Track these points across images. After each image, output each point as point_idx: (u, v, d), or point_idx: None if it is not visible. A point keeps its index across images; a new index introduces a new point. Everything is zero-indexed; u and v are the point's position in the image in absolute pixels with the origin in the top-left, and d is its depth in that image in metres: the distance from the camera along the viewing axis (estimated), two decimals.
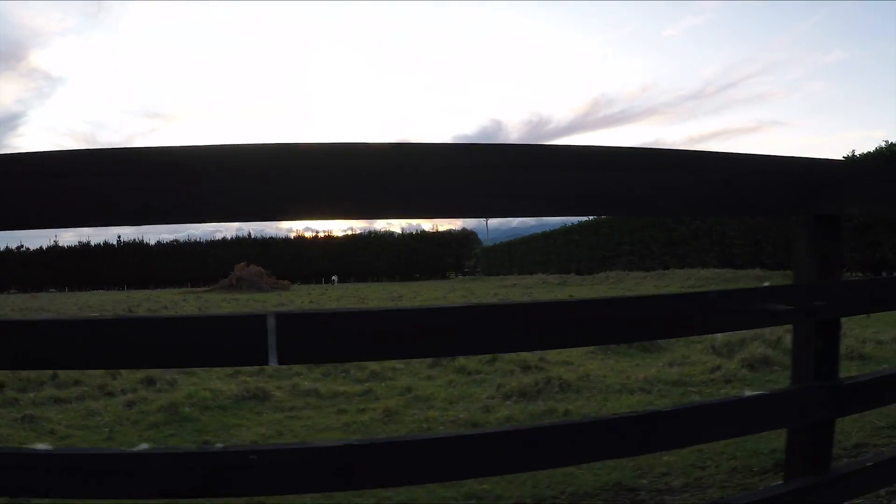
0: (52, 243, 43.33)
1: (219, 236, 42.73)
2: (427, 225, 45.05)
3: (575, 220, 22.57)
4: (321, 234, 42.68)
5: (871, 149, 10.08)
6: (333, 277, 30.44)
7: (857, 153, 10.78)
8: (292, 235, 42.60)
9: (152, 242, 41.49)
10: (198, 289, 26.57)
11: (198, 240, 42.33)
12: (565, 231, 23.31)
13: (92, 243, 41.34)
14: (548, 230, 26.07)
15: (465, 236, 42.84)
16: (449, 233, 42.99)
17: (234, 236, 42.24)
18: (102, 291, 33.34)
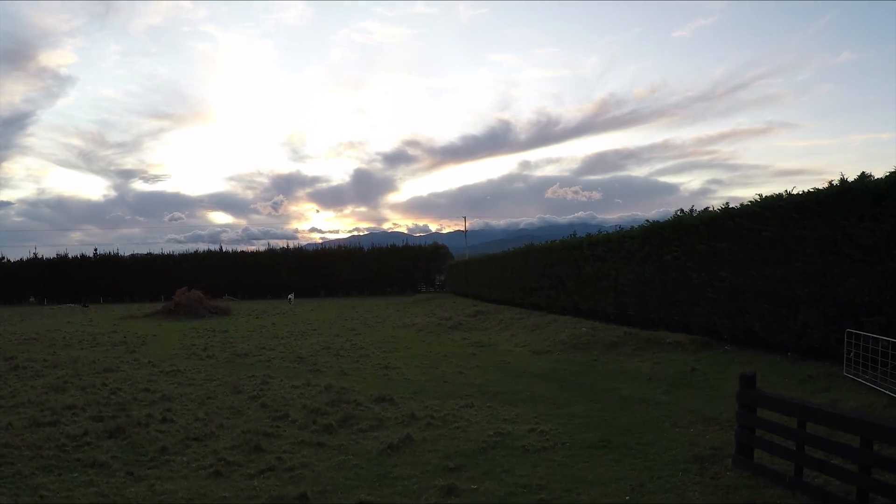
0: (31, 255, 44.23)
1: (191, 249, 43.48)
2: (434, 226, 46.29)
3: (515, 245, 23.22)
4: (292, 248, 43.46)
5: None
6: (290, 296, 31.06)
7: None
8: (263, 249, 43.37)
9: (127, 255, 42.29)
10: (142, 308, 26.80)
11: (171, 252, 43.19)
12: (503, 257, 24.02)
13: (69, 255, 42.20)
14: (493, 254, 26.85)
15: (436, 250, 43.43)
16: (419, 247, 43.66)
17: (205, 250, 42.99)
18: (73, 306, 34.16)
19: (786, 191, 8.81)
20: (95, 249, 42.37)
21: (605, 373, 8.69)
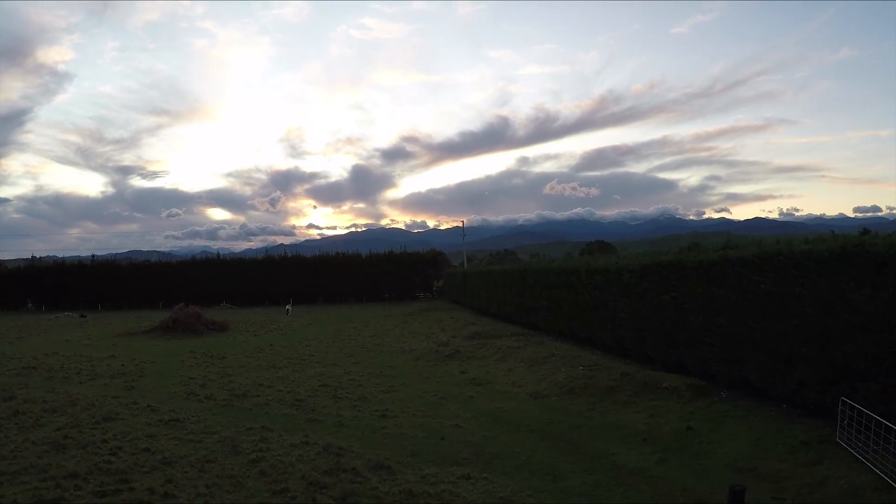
0: (29, 256, 44.29)
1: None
2: (432, 222, 47.04)
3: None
4: (290, 255, 43.48)
5: None
6: (287, 307, 31.05)
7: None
8: (261, 255, 43.38)
9: (125, 263, 42.29)
10: (140, 320, 26.85)
11: (169, 256, 43.23)
12: (501, 272, 24.11)
13: (67, 262, 42.20)
14: (492, 268, 26.94)
15: (434, 257, 43.57)
16: (417, 253, 43.74)
17: (202, 256, 42.98)
18: (70, 314, 34.17)
19: (787, 246, 8.81)
20: (93, 256, 42.54)
21: (601, 428, 8.75)
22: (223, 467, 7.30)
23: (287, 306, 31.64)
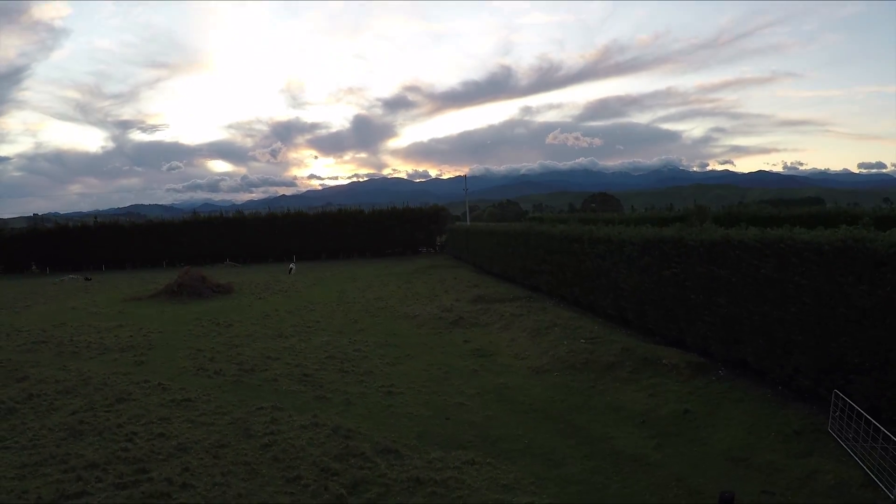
0: (31, 215, 44.40)
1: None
2: (434, 171, 47.50)
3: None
4: (292, 212, 43.43)
5: None
6: (291, 266, 31.23)
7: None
8: (263, 211, 43.41)
9: (126, 223, 42.38)
10: (145, 283, 27.19)
11: (172, 215, 43.30)
12: (504, 233, 24.18)
13: (70, 224, 42.32)
14: (494, 227, 27.03)
15: (436, 212, 43.53)
16: (420, 209, 43.66)
17: (204, 209, 43.04)
18: (74, 277, 34.52)
19: (788, 232, 8.78)
20: (95, 217, 42.54)
21: (601, 408, 9.01)
22: (237, 452, 7.59)
23: (290, 265, 31.85)
